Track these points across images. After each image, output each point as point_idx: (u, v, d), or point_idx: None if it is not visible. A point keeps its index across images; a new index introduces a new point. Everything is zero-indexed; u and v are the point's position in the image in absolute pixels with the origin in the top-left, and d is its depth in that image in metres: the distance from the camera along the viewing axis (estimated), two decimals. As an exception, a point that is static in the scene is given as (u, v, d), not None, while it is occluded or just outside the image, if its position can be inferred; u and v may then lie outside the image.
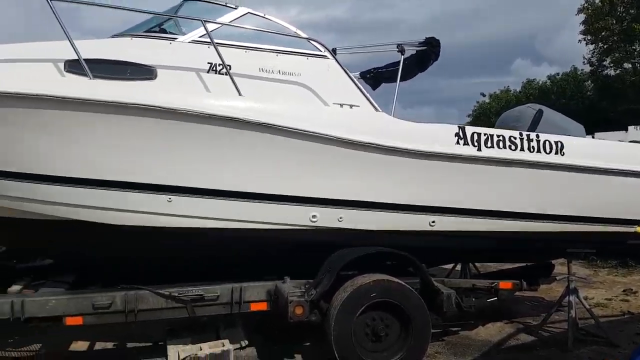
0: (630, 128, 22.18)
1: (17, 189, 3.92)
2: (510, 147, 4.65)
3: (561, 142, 4.76)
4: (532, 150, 4.68)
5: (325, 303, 4.30)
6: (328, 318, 4.20)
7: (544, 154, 4.70)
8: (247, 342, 4.48)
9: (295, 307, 4.12)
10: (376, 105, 4.63)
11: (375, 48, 5.57)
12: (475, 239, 4.82)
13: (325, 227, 4.45)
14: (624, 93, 26.86)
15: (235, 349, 4.27)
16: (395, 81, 5.26)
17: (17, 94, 3.61)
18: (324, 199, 4.41)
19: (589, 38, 28.61)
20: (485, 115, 39.27)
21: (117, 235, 4.11)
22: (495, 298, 5.14)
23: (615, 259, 8.64)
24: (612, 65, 28.61)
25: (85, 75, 3.78)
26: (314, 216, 4.42)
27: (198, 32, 4.28)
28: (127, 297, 4.11)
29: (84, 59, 3.77)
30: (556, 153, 4.74)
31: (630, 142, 7.51)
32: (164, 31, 4.47)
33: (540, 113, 5.42)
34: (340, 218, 4.47)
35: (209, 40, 4.12)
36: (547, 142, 4.72)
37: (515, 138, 4.67)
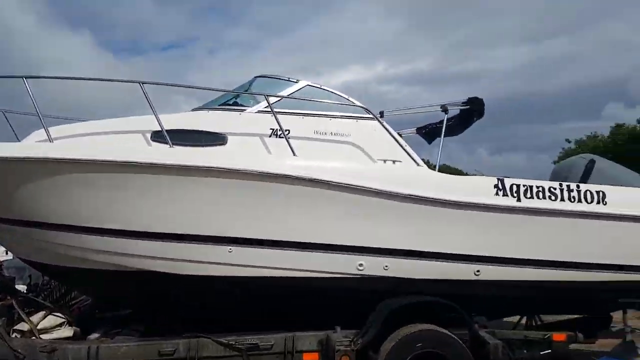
0: None
1: (113, 245, 4.60)
2: (550, 197, 4.80)
3: (603, 192, 4.82)
4: (572, 200, 4.78)
5: (374, 353, 4.46)
6: None
7: (585, 203, 4.78)
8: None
9: (342, 356, 4.35)
10: (418, 160, 5.06)
11: (420, 109, 6.06)
12: (521, 289, 4.89)
13: (371, 275, 4.78)
14: None
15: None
16: (449, 136, 5.70)
17: (108, 162, 4.40)
18: (370, 247, 4.77)
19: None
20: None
21: (183, 285, 4.68)
22: (549, 350, 5.06)
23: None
24: None
25: (166, 143, 4.57)
26: (360, 264, 4.77)
27: (264, 103, 5.01)
28: (189, 344, 4.50)
29: (166, 130, 4.56)
30: (598, 202, 4.79)
31: None
32: (237, 104, 5.29)
33: (592, 163, 5.49)
34: (386, 267, 4.78)
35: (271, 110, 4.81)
36: (588, 192, 4.81)
37: (555, 189, 4.82)
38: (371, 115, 5.20)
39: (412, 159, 5.03)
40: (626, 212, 4.78)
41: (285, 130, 4.81)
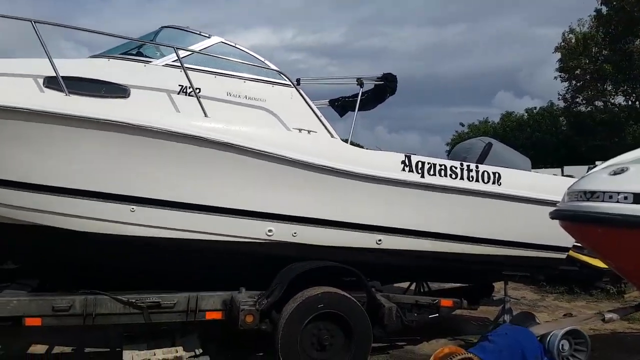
0: (598, 163, 23.23)
1: None
2: (451, 175, 5.10)
3: (499, 173, 5.23)
4: (471, 179, 5.14)
5: (277, 313, 4.59)
6: (277, 327, 4.49)
7: (482, 183, 5.16)
8: (201, 350, 4.66)
9: (246, 315, 4.41)
10: (332, 132, 5.06)
11: (337, 80, 6.04)
12: (418, 259, 5.22)
13: (279, 241, 4.80)
14: (594, 129, 28.07)
15: (189, 357, 4.50)
16: (361, 110, 5.75)
17: None
18: (280, 214, 4.77)
19: (563, 75, 29.95)
20: (463, 144, 40.24)
21: (80, 242, 4.36)
22: (437, 314, 5.49)
23: (562, 286, 9.11)
24: (584, 102, 29.94)
25: (62, 91, 4.09)
26: (270, 230, 4.75)
27: (172, 56, 4.64)
28: (86, 301, 4.32)
29: (62, 77, 4.09)
30: (493, 183, 5.20)
31: (565, 176, 8.08)
32: (141, 54, 4.83)
33: (489, 146, 5.91)
34: (295, 233, 4.82)
35: (180, 65, 4.48)
36: (485, 173, 5.20)
37: (456, 168, 5.13)
38: (288, 82, 5.06)
39: (327, 130, 5.02)
40: (518, 193, 5.25)
41: (196, 89, 4.51)
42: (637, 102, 28.26)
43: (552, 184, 5.60)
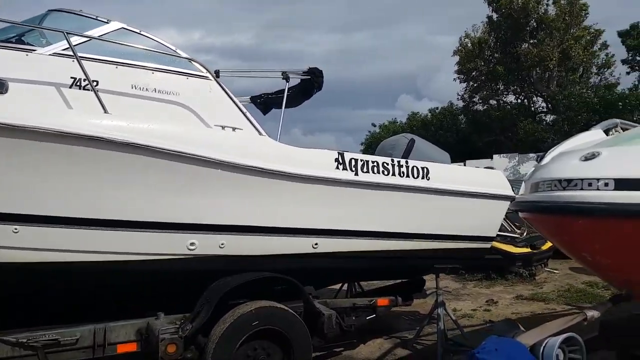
0: (495, 156, 25.27)
1: None
2: (383, 172, 4.98)
3: (427, 168, 5.21)
4: (402, 175, 5.05)
5: (204, 337, 4.08)
6: (205, 353, 3.97)
7: (412, 178, 5.11)
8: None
9: (167, 345, 3.83)
10: (260, 129, 4.60)
11: (260, 73, 5.69)
12: (356, 259, 5.00)
13: (204, 255, 4.25)
14: (489, 126, 30.49)
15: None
16: (287, 107, 5.43)
17: None
18: (203, 224, 4.24)
19: (461, 77, 32.18)
20: (376, 144, 41.74)
21: None
22: (374, 315, 5.38)
23: (480, 273, 9.63)
24: (480, 101, 32.46)
25: None
26: (192, 244, 4.21)
27: (62, 44, 3.91)
28: None
29: None
30: (423, 178, 5.17)
31: (485, 167, 8.53)
32: (22, 42, 4.01)
33: (412, 142, 5.91)
34: (222, 244, 4.32)
35: (72, 53, 3.80)
36: (415, 168, 5.14)
37: (387, 164, 5.02)
38: (205, 73, 4.51)
39: (254, 126, 4.59)
40: (446, 186, 5.27)
41: (93, 82, 3.85)
42: (526, 100, 31.19)
43: (476, 176, 5.77)
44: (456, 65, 32.17)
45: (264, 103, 6.39)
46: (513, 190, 5.79)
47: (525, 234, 9.84)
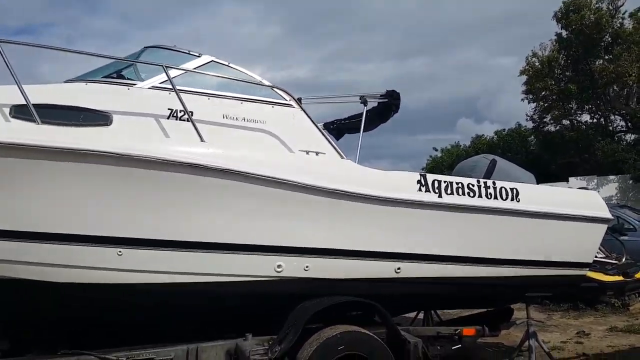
0: (571, 179, 23.84)
1: None
2: (468, 193, 4.81)
3: (516, 189, 4.97)
4: (489, 197, 4.86)
5: None
6: None
7: (501, 200, 4.90)
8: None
9: None
10: (342, 153, 4.70)
11: (339, 99, 5.77)
12: (440, 285, 4.84)
13: (290, 277, 4.32)
14: (563, 147, 28.87)
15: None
16: (357, 132, 5.45)
17: None
18: (290, 247, 4.31)
19: (530, 97, 30.89)
20: (438, 168, 40.75)
21: (53, 294, 3.78)
22: (460, 345, 5.12)
23: (567, 303, 8.94)
24: (552, 122, 30.87)
25: (33, 120, 3.59)
26: (279, 266, 4.29)
27: (158, 78, 4.22)
28: None
29: (33, 104, 3.57)
30: (512, 199, 4.94)
31: (579, 188, 7.98)
32: (122, 77, 4.39)
33: (494, 163, 5.70)
34: (307, 267, 4.36)
35: (169, 86, 4.06)
36: (503, 189, 4.93)
37: (473, 185, 4.85)
38: (289, 102, 4.69)
39: (336, 150, 4.67)
40: (537, 209, 4.99)
41: (189, 112, 4.08)
42: (603, 119, 29.32)
43: (570, 198, 5.43)
44: (523, 86, 30.98)
45: (337, 129, 6.49)
46: None
47: (624, 259, 9.03)
